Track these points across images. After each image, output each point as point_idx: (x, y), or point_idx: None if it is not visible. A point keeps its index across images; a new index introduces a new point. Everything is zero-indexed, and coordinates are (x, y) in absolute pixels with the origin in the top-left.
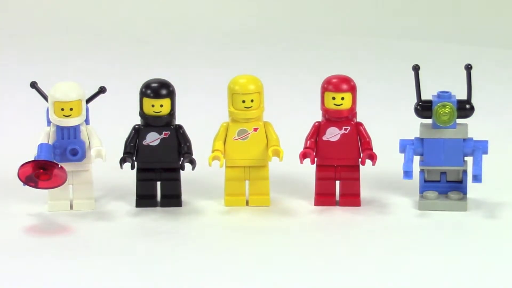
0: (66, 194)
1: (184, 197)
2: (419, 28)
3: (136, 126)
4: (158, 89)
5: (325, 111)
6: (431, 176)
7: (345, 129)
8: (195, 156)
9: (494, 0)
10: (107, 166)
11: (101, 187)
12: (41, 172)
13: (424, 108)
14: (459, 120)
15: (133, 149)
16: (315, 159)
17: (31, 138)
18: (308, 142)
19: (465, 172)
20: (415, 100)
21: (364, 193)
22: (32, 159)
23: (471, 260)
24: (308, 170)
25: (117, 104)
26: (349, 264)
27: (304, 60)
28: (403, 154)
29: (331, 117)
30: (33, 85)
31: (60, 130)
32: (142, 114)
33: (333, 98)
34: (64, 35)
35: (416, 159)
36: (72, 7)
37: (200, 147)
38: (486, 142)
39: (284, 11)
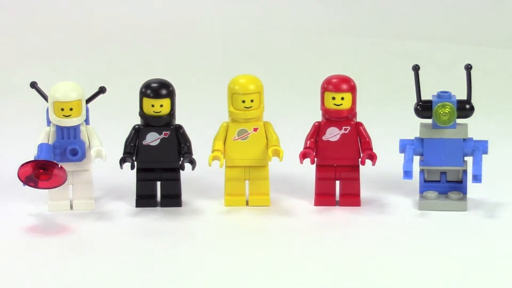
0: (66, 194)
1: (184, 197)
2: (419, 28)
3: (136, 126)
4: (158, 89)
5: (325, 111)
6: (431, 176)
7: (345, 129)
8: (195, 156)
9: (494, 0)
10: (107, 166)
11: (101, 187)
12: (41, 172)
13: (424, 108)
14: (459, 120)
15: (133, 149)
16: (315, 159)
17: (31, 138)
18: (308, 142)
19: (465, 172)
20: (415, 100)
21: (364, 193)
22: (32, 159)
23: (471, 260)
24: (308, 170)
25: (117, 104)
26: (349, 264)
27: (304, 60)
28: (403, 154)
29: (331, 117)
30: (33, 85)
31: (60, 130)
32: (142, 114)
33: (333, 98)
34: (64, 35)
35: (416, 159)
36: (72, 7)
37: (200, 147)
38: (486, 142)
39: (284, 11)
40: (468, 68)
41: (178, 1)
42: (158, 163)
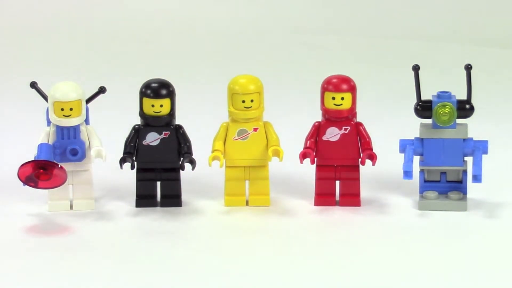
0: (66, 194)
1: (184, 197)
2: (419, 28)
3: (136, 126)
4: (158, 89)
5: (325, 111)
6: (431, 176)
7: (345, 129)
8: (195, 156)
9: (494, 0)
10: (107, 166)
11: (101, 187)
12: (41, 172)
13: (424, 108)
14: (459, 120)
15: (133, 149)
16: (315, 159)
17: (31, 138)
18: (308, 142)
19: (465, 172)
20: (415, 100)
21: (364, 193)
22: (32, 159)
23: (471, 260)
24: (308, 170)
25: (117, 104)
26: (349, 264)
27: (304, 60)
28: (403, 154)
29: (331, 117)
30: (33, 85)
31: (60, 130)
32: (142, 114)
33: (333, 98)
34: (64, 35)
35: (416, 159)
36: (72, 6)
37: (200, 147)
38: (486, 142)
39: (284, 11)
40: (468, 68)
41: (178, 1)
42: (158, 163)
